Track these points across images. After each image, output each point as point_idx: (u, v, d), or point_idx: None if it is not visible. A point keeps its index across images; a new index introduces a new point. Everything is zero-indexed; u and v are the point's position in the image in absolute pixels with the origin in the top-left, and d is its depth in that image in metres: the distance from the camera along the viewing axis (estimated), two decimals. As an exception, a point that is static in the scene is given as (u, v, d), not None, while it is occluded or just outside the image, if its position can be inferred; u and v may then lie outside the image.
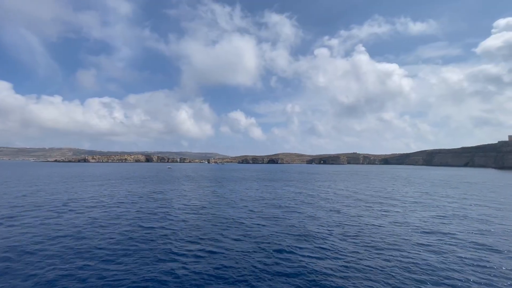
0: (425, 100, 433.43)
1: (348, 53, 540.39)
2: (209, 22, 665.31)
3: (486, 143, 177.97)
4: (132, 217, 17.21)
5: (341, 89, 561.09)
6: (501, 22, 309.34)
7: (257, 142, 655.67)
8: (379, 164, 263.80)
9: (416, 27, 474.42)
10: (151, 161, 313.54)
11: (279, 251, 11.16)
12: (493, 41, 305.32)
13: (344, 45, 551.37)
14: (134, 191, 30.43)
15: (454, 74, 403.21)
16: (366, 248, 11.51)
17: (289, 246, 11.73)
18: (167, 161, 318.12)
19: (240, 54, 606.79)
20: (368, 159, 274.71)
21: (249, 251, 11.08)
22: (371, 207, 21.66)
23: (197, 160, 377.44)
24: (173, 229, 14.33)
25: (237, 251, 11.06)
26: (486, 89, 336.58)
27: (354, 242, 12.28)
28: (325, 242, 12.33)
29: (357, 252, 11.04)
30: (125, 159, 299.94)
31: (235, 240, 12.66)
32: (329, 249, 11.38)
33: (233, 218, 17.06)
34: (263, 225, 15.36)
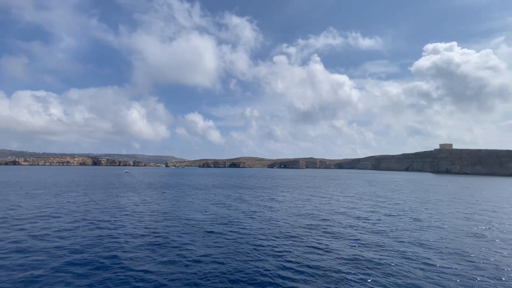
0: (370, 110, 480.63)
1: (304, 62, 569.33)
2: (165, 17, 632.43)
3: (423, 150, 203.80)
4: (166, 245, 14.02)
5: (298, 96, 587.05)
6: (429, 46, 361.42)
7: (216, 145, 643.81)
8: (334, 168, 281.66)
9: (365, 42, 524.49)
10: (99, 165, 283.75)
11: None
12: (424, 62, 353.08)
13: (301, 53, 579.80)
14: (123, 204, 25.90)
15: (394, 88, 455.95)
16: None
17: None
18: (118, 165, 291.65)
19: (199, 54, 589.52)
20: (324, 164, 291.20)
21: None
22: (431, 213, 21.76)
23: (152, 164, 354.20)
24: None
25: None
26: (419, 103, 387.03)
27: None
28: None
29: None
30: (68, 162, 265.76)
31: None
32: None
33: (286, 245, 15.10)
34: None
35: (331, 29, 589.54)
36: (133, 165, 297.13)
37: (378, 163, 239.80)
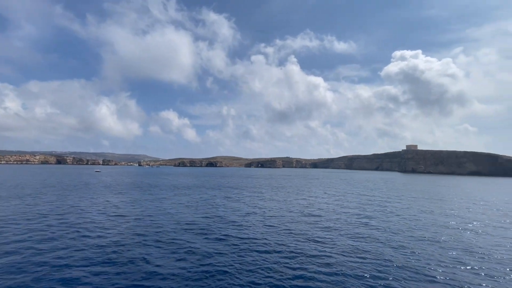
0: (343, 112, 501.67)
1: (282, 62, 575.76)
2: (139, 8, 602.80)
3: (391, 151, 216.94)
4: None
5: (275, 96, 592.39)
6: (398, 53, 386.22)
7: (192, 144, 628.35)
8: (309, 167, 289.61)
9: (340, 46, 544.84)
10: (64, 163, 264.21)
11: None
12: (392, 68, 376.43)
13: (278, 54, 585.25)
14: (117, 203, 24.28)
15: (365, 92, 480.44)
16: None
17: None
18: (86, 163, 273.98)
19: (175, 49, 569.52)
20: (300, 163, 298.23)
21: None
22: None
23: (123, 163, 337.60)
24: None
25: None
26: (387, 106, 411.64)
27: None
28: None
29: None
30: (27, 161, 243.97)
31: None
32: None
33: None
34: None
35: (308, 31, 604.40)
36: (102, 164, 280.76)
37: (351, 162, 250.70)
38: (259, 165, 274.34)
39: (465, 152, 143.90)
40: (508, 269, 10.86)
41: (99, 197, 29.61)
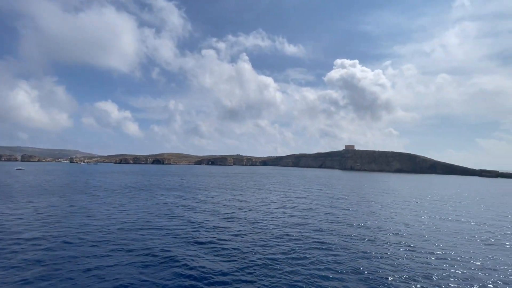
0: (291, 112, 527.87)
1: (233, 59, 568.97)
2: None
3: (331, 150, 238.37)
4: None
5: (225, 92, 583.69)
6: (339, 61, 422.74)
7: (134, 140, 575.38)
8: (259, 165, 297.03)
9: (290, 49, 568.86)
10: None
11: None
12: (334, 74, 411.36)
13: (230, 50, 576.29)
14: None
15: (310, 94, 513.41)
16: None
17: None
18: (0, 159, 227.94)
19: (115, 32, 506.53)
20: (250, 161, 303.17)
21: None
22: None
23: (49, 159, 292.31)
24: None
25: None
26: (329, 109, 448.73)
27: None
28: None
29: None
30: None
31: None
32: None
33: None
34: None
35: (260, 31, 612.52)
36: (21, 160, 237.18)
37: (298, 161, 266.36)
38: (210, 162, 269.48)
39: (393, 153, 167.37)
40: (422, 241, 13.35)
41: (23, 203, 25.30)
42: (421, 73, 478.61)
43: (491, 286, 9.79)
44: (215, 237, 14.88)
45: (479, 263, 12.00)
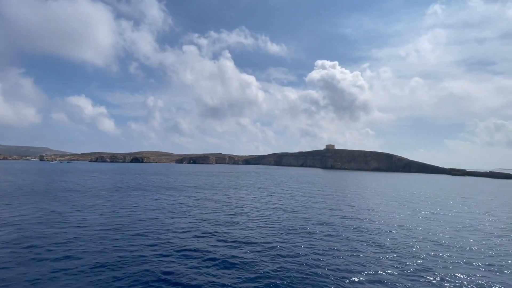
0: (272, 111, 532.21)
1: (215, 56, 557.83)
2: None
3: (311, 150, 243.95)
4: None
5: (207, 90, 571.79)
6: (319, 62, 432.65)
7: (109, 137, 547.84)
8: (242, 164, 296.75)
9: (273, 48, 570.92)
10: None
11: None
12: (315, 75, 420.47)
13: (213, 47, 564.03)
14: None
15: (292, 94, 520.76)
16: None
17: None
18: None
19: (89, 23, 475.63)
20: (233, 160, 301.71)
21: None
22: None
23: (15, 157, 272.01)
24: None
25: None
26: (310, 109, 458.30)
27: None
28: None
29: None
30: None
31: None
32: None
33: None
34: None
35: (243, 28, 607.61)
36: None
37: (280, 159, 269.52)
38: (191, 161, 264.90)
39: (371, 152, 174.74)
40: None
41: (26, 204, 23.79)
42: (396, 76, 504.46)
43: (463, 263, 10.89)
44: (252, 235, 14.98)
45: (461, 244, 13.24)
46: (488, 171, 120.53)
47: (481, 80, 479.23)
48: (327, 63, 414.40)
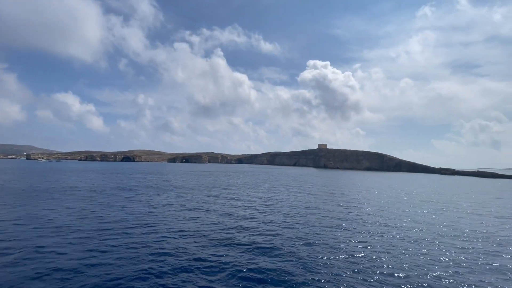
0: (264, 110, 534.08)
1: (207, 54, 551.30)
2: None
3: (304, 149, 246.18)
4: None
5: (199, 88, 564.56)
6: (311, 62, 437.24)
7: (98, 135, 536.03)
8: (235, 163, 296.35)
9: (266, 46, 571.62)
10: None
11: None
12: (307, 74, 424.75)
13: (205, 44, 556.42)
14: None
15: (284, 93, 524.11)
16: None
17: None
18: None
19: (77, 18, 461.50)
20: (225, 159, 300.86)
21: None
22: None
23: (0, 155, 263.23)
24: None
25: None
26: (302, 108, 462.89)
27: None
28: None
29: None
30: None
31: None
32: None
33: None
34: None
35: (236, 26, 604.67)
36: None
37: (273, 158, 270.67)
38: (184, 160, 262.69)
39: (363, 152, 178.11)
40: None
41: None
42: (387, 77, 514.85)
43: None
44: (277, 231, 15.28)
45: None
46: (476, 171, 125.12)
47: (467, 82, 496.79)
48: (319, 63, 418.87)
